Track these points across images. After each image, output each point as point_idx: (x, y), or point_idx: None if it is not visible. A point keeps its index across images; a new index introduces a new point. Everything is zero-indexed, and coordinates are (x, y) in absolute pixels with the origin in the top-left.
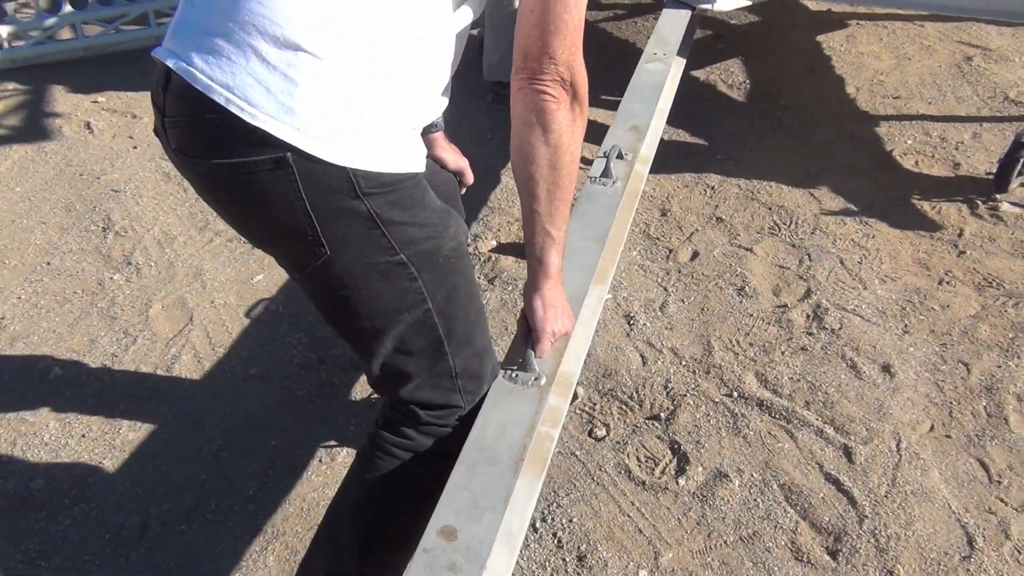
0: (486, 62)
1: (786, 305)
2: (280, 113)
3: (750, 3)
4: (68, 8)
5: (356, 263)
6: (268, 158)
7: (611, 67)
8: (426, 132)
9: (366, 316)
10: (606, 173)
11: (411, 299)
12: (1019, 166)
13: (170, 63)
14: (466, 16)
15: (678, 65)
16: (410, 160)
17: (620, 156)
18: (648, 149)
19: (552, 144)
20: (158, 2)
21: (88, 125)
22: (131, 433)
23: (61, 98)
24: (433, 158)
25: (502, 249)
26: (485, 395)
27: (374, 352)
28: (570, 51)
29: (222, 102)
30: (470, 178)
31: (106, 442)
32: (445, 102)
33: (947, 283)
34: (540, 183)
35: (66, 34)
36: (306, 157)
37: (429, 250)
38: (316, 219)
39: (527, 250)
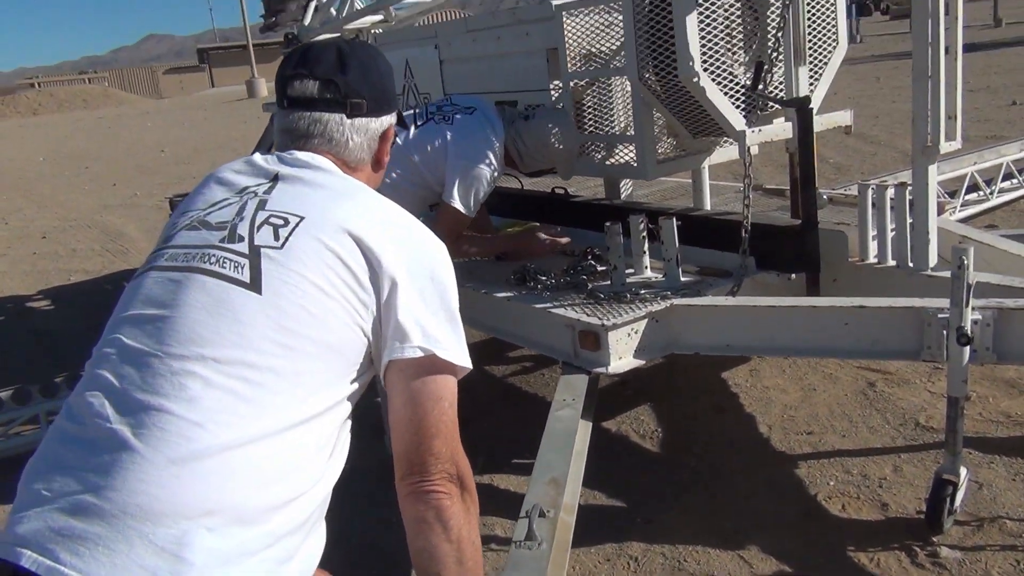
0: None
1: None
2: None
3: (644, 362)
4: None
5: None
6: None
7: (524, 424)
8: None
9: None
10: (530, 536)
11: None
12: (947, 506)
13: (24, 562)
14: (339, 463)
15: (589, 408)
16: None
17: (542, 514)
18: (572, 497)
19: (455, 540)
20: (48, 404)
21: None
22: None
23: None
24: None
25: None
26: None
27: None
28: (452, 447)
29: None
30: None
31: None
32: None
33: None
34: None
35: None
36: None
37: None
38: None
39: None
